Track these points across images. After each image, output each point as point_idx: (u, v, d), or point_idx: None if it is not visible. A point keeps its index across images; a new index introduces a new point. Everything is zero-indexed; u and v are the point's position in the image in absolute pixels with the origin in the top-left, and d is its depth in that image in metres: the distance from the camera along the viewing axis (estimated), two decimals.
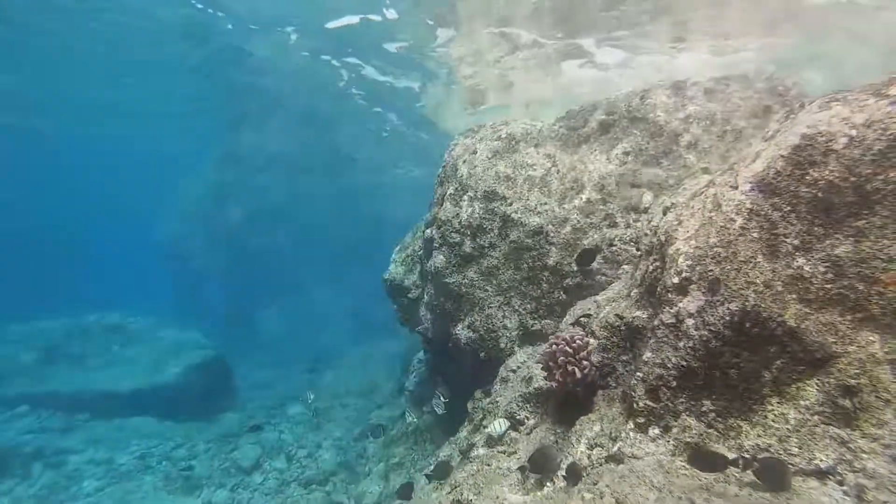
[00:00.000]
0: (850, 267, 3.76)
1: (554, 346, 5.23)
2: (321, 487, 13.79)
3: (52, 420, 17.09)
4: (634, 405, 4.28)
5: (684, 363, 4.12)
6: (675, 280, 4.35)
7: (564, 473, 4.36)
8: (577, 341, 5.11)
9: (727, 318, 3.98)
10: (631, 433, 4.25)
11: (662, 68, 11.16)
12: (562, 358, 5.11)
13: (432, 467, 6.34)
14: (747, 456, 3.66)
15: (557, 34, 11.94)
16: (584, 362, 5.05)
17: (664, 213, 5.43)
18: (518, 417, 6.06)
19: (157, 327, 22.12)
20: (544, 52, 12.90)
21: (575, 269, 7.73)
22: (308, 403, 17.40)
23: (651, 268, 4.97)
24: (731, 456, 3.72)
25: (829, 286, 3.81)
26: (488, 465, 5.29)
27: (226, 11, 14.38)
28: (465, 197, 8.71)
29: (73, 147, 32.39)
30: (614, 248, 7.69)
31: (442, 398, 9.50)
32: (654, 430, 4.16)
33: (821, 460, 3.49)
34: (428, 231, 9.66)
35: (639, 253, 6.06)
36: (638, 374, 4.35)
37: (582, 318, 5.97)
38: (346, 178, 40.94)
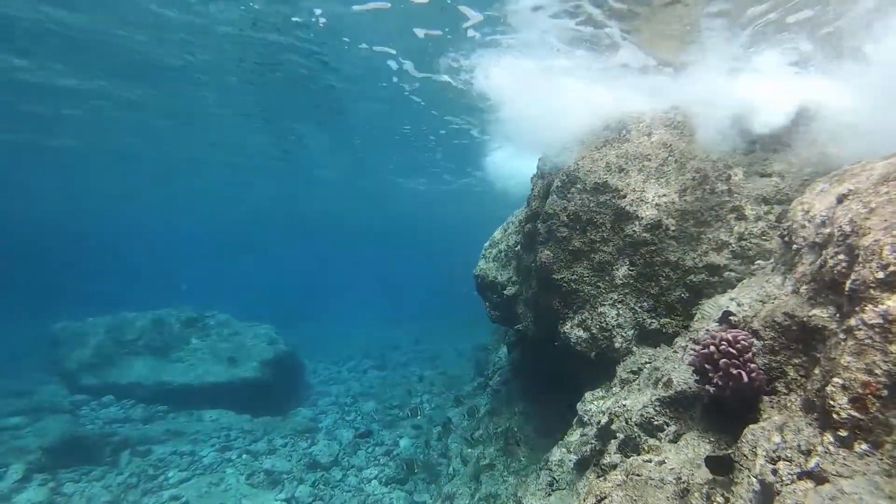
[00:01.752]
0: None
1: (712, 346, 4.74)
2: (402, 487, 13.62)
3: (134, 410, 17.63)
4: (834, 415, 3.75)
5: None
6: (880, 275, 3.80)
7: (756, 488, 3.88)
8: (742, 342, 4.61)
9: None
10: (831, 448, 3.73)
11: None
12: (723, 360, 4.62)
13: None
14: None
15: None
16: (751, 365, 4.55)
17: (839, 202, 4.85)
18: (656, 423, 5.59)
19: (233, 322, 22.53)
20: None
21: (700, 265, 7.20)
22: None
23: (832, 262, 4.42)
24: None
25: None
26: (637, 475, 4.85)
27: None
28: (574, 189, 8.26)
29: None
30: (744, 243, 7.11)
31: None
32: (862, 446, 3.62)
33: None
34: (529, 225, 9.27)
35: (793, 246, 5.47)
36: (836, 380, 3.83)
37: (731, 318, 5.44)
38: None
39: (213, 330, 21.42)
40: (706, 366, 4.83)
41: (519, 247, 10.05)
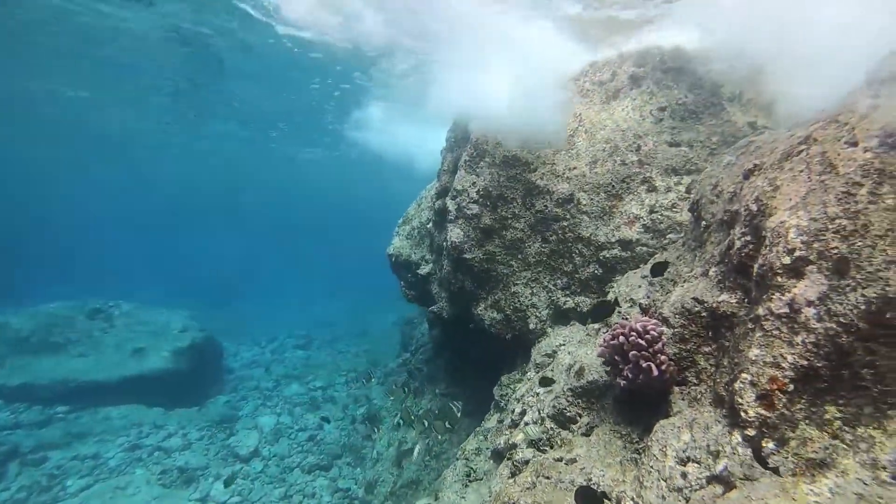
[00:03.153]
0: None
1: (621, 336, 4.45)
2: (325, 473, 13.17)
3: (28, 414, 15.96)
4: (742, 414, 3.52)
5: (805, 362, 3.36)
6: (786, 260, 3.56)
7: (665, 493, 3.62)
8: (651, 332, 4.33)
9: (861, 306, 3.21)
10: (739, 448, 3.51)
11: None
12: (633, 352, 4.34)
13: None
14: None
15: None
16: (661, 356, 4.29)
17: (745, 178, 4.61)
18: (568, 414, 5.32)
19: (140, 310, 21.01)
20: None
21: (613, 240, 6.95)
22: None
23: (739, 243, 4.18)
24: None
25: None
26: (547, 477, 4.56)
27: None
28: (482, 163, 7.82)
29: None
30: (655, 216, 6.91)
31: (458, 407, 8.88)
32: (769, 444, 3.41)
33: None
34: (440, 202, 8.78)
35: (702, 222, 5.26)
36: (744, 375, 3.59)
37: (642, 302, 5.19)
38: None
39: (118, 320, 19.86)
40: (616, 357, 4.56)
41: (431, 224, 9.57)
